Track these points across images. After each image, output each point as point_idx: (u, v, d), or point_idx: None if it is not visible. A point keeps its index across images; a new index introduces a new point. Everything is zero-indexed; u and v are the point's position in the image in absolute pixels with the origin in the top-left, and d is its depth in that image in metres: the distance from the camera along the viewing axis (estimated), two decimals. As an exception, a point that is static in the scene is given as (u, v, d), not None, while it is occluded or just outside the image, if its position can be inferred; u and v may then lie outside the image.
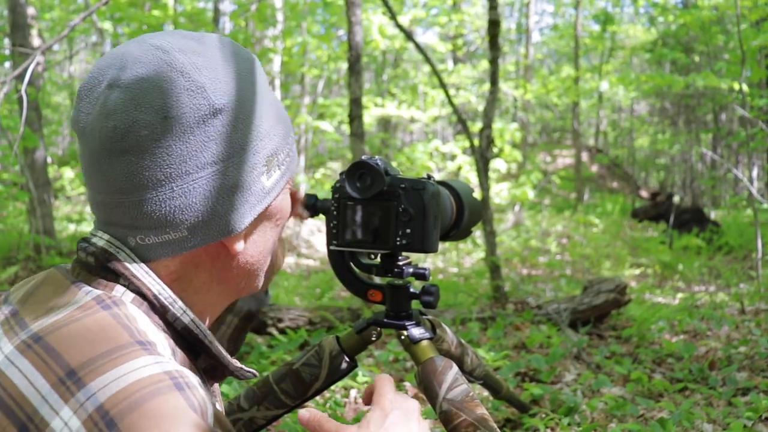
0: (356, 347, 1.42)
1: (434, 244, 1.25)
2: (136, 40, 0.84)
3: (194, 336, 0.84)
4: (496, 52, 5.11)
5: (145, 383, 0.68)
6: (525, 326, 3.84)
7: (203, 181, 0.80)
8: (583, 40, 16.03)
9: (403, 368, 3.13)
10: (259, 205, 0.86)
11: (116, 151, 0.78)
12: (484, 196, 4.95)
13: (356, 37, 4.45)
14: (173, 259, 0.84)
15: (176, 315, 0.83)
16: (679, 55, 13.11)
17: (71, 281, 0.82)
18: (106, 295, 0.79)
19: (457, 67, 14.61)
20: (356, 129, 4.42)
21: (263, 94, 0.87)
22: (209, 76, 0.80)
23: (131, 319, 0.76)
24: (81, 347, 0.71)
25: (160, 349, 0.75)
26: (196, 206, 0.80)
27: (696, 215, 10.11)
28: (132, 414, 0.65)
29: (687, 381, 2.87)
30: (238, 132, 0.82)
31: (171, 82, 0.78)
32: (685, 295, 5.61)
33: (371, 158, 1.23)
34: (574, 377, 2.98)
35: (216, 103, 0.79)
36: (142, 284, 0.81)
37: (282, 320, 3.68)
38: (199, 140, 0.79)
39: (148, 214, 0.80)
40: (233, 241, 0.85)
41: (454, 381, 1.28)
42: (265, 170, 0.86)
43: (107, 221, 0.84)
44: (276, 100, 0.91)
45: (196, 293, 0.87)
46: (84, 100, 0.82)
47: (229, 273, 0.89)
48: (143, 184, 0.78)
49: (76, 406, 0.67)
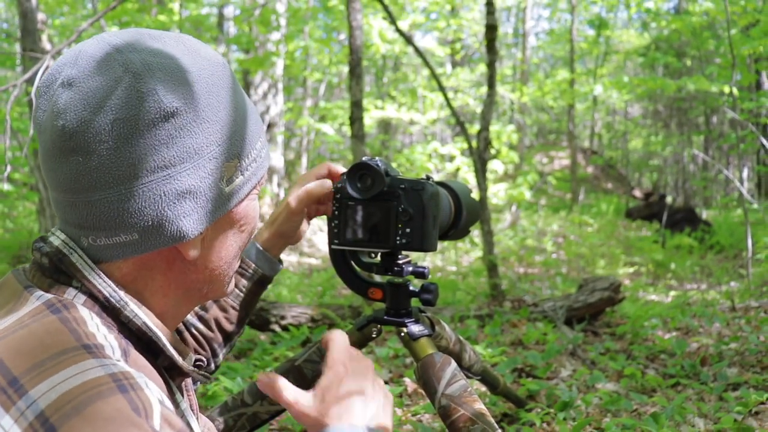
0: (357, 344, 1.42)
1: (433, 243, 1.25)
2: (96, 38, 0.80)
3: (149, 337, 0.81)
4: (493, 55, 5.10)
5: (87, 387, 0.65)
6: (522, 323, 3.84)
7: (153, 185, 0.76)
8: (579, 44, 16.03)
9: (403, 364, 3.13)
10: (216, 212, 0.82)
11: (65, 151, 0.75)
12: (481, 196, 4.95)
13: (357, 42, 4.44)
14: (126, 261, 0.81)
15: (129, 317, 0.79)
16: (672, 59, 13.12)
17: (24, 286, 0.79)
18: (56, 299, 0.76)
19: (456, 71, 14.60)
20: (357, 131, 4.41)
21: (224, 96, 0.82)
22: (162, 78, 0.75)
23: (80, 322, 0.73)
24: (25, 354, 0.68)
25: (107, 351, 0.72)
26: (147, 210, 0.77)
27: (688, 215, 10.11)
28: (72, 419, 0.63)
29: (679, 376, 2.87)
30: (193, 136, 0.77)
31: (121, 83, 0.74)
32: (678, 293, 5.61)
33: (372, 159, 1.23)
34: (569, 373, 2.97)
35: (167, 106, 0.75)
36: (93, 286, 0.79)
37: (285, 317, 3.68)
38: (149, 144, 0.75)
39: (98, 215, 0.77)
40: (187, 248, 0.81)
41: (452, 377, 1.28)
42: (224, 176, 0.81)
43: (64, 219, 0.81)
44: (242, 103, 0.86)
45: (153, 296, 0.84)
46: (41, 98, 0.79)
47: (188, 278, 0.86)
48: (91, 185, 0.75)
49: (17, 414, 0.64)
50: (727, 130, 15.25)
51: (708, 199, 16.23)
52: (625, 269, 7.46)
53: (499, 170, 10.88)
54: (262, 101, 10.50)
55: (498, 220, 11.68)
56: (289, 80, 13.19)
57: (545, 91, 14.31)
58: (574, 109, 15.79)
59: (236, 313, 1.28)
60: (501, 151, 11.25)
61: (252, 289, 1.28)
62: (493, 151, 11.03)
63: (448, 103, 5.08)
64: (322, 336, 0.95)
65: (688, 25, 10.00)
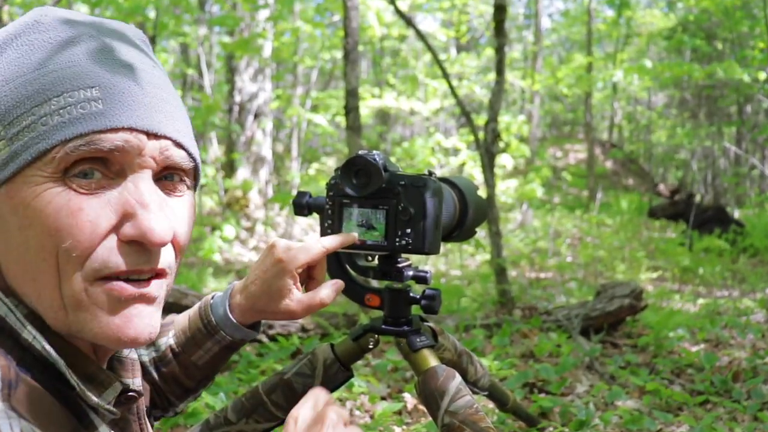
0: (352, 356, 1.42)
1: (436, 245, 1.25)
2: None
3: (51, 365, 0.73)
4: (502, 39, 5.11)
5: None
6: (533, 333, 3.85)
7: None
8: (597, 26, 16.04)
9: (402, 378, 3.13)
10: None
11: None
12: (489, 193, 4.95)
13: (353, 23, 4.45)
14: None
15: (27, 341, 0.71)
16: (700, 42, 13.13)
17: None
18: None
19: (461, 56, 14.62)
20: (352, 122, 4.42)
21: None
22: None
23: None
24: None
25: None
26: None
27: (718, 214, 10.12)
28: None
29: (708, 393, 2.88)
30: None
31: None
32: (707, 301, 5.62)
33: (368, 153, 1.24)
34: (586, 389, 2.98)
35: None
36: None
37: (272, 326, 3.69)
38: None
39: None
40: None
41: (456, 392, 1.28)
42: None
43: None
44: (32, 59, 0.73)
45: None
46: None
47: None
48: None
49: None
50: (763, 120, 15.28)
51: (740, 197, 16.24)
52: (648, 274, 7.47)
53: (509, 165, 10.90)
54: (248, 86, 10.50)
55: (507, 219, 11.70)
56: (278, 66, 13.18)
57: (559, 77, 14.32)
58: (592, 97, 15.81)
59: (198, 373, 1.20)
60: (510, 144, 11.27)
61: (219, 354, 1.19)
62: (502, 145, 11.04)
63: (453, 91, 5.09)
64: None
65: (720, 4, 10.02)
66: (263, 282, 1.12)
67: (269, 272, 1.12)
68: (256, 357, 3.44)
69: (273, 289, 1.12)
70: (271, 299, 1.12)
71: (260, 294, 1.13)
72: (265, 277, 1.12)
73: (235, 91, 10.58)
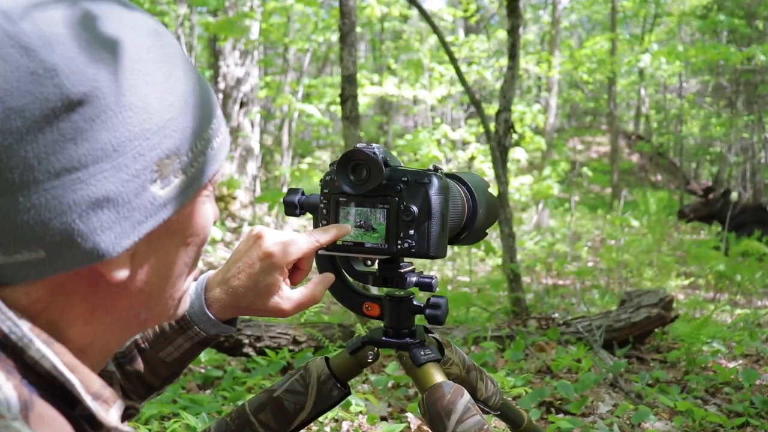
0: (349, 371, 1.42)
1: (442, 248, 1.26)
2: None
3: (60, 383, 0.76)
4: (515, 19, 5.11)
5: None
6: (550, 347, 3.85)
7: (59, 191, 0.72)
8: (622, 4, 16.04)
9: (405, 396, 3.14)
10: (147, 222, 0.77)
11: None
12: (501, 191, 4.96)
13: (350, 2, 4.45)
14: (34, 284, 0.77)
15: (34, 359, 0.75)
16: (738, 22, 13.11)
17: None
18: None
19: (470, 38, 14.62)
20: (349, 112, 4.42)
21: (155, 75, 0.77)
22: (65, 54, 0.70)
23: None
24: None
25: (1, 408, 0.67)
26: (52, 223, 0.72)
27: (757, 215, 10.13)
28: None
29: (748, 415, 2.88)
30: (109, 129, 0.73)
31: (10, 62, 0.69)
32: (745, 311, 5.62)
33: (367, 146, 1.24)
34: (609, 408, 2.99)
35: (73, 92, 0.70)
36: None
37: (261, 339, 3.69)
38: (50, 140, 0.70)
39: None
40: (110, 268, 0.77)
41: (465, 411, 1.28)
42: (157, 177, 0.77)
43: None
44: (187, 81, 0.81)
45: (72, 326, 0.80)
46: None
47: (117, 303, 0.83)
48: None
49: None
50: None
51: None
52: (679, 281, 7.48)
53: (523, 160, 10.91)
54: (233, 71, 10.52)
55: (521, 220, 11.70)
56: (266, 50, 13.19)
57: (579, 62, 14.32)
58: (616, 84, 15.81)
59: (165, 370, 1.24)
60: (525, 136, 11.27)
61: (190, 350, 1.23)
62: (515, 137, 11.04)
63: (461, 77, 5.10)
64: None
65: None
66: (249, 277, 1.16)
67: (256, 267, 1.16)
68: (242, 372, 3.44)
69: (260, 286, 1.16)
70: (258, 296, 1.17)
71: (245, 290, 1.17)
72: (251, 271, 1.16)
73: (219, 77, 10.58)
